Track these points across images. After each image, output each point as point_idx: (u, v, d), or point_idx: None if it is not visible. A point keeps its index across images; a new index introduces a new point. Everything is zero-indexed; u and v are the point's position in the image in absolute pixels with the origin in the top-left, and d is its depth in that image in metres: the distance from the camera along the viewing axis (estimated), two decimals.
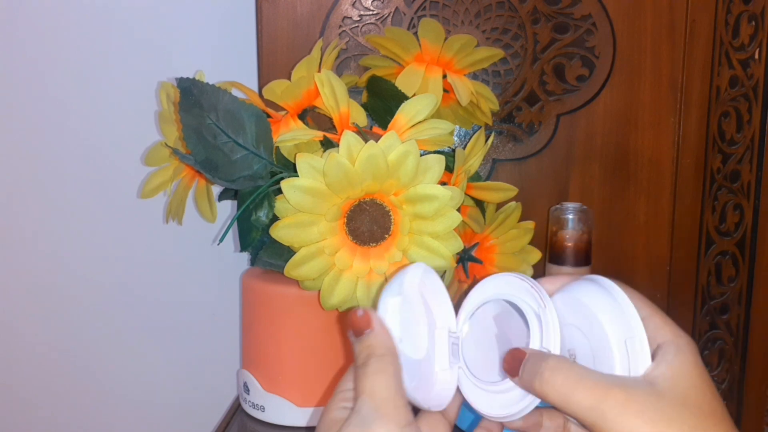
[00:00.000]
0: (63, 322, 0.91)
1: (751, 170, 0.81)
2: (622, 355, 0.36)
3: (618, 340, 0.36)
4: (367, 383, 0.36)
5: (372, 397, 0.35)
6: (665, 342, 0.36)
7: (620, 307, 0.37)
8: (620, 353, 0.36)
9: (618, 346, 0.36)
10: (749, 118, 0.80)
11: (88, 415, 0.93)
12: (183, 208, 0.71)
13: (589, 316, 0.38)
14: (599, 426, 0.34)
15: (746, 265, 0.82)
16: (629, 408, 0.33)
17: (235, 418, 0.72)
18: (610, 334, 0.36)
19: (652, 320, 0.37)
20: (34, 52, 0.85)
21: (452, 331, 0.42)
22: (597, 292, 0.38)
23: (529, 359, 0.37)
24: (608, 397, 0.33)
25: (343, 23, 0.78)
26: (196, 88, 0.61)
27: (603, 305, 0.37)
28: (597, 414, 0.34)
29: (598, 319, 0.37)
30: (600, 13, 0.78)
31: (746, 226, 0.82)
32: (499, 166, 0.81)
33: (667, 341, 0.36)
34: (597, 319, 0.37)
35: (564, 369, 0.35)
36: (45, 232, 0.89)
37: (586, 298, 0.38)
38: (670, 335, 0.37)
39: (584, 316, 0.38)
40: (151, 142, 0.74)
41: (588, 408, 0.34)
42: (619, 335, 0.36)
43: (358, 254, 0.59)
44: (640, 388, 0.34)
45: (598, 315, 0.37)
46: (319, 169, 0.55)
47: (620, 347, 0.36)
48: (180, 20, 0.85)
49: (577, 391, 0.34)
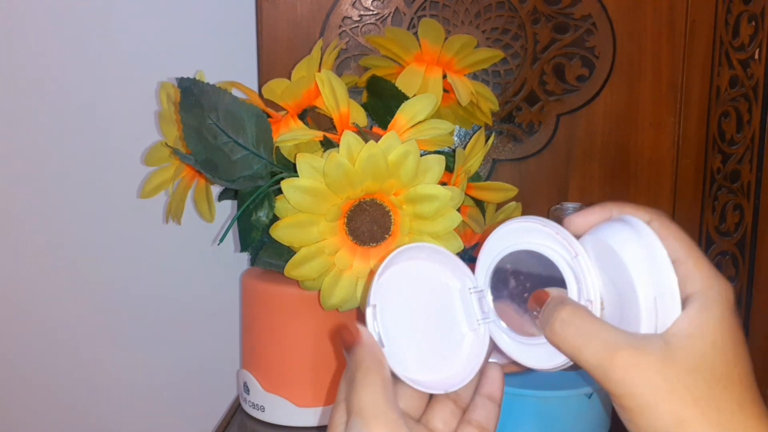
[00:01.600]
0: (62, 322, 0.91)
1: (751, 170, 0.81)
2: (649, 314, 0.34)
3: (646, 297, 0.34)
4: (356, 400, 0.34)
5: (360, 415, 0.34)
6: (694, 293, 0.34)
7: (653, 256, 0.34)
8: (647, 312, 0.34)
9: (646, 304, 0.34)
10: (749, 118, 0.80)
11: (88, 415, 0.93)
12: (182, 208, 0.71)
13: (619, 266, 0.35)
14: (604, 385, 0.33)
15: (746, 266, 0.82)
16: (633, 371, 0.32)
17: (235, 418, 0.72)
18: (639, 291, 0.34)
19: (685, 265, 0.34)
20: (34, 52, 0.85)
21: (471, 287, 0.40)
22: (628, 238, 0.35)
23: (548, 305, 0.36)
24: (615, 357, 0.32)
25: (343, 23, 0.78)
26: (196, 88, 0.61)
27: (634, 254, 0.34)
28: (602, 373, 0.33)
29: (627, 272, 0.34)
30: (600, 13, 0.78)
31: (746, 226, 0.82)
32: (499, 166, 0.81)
33: (696, 292, 0.34)
34: (627, 272, 0.34)
35: (575, 322, 0.34)
36: (45, 231, 0.89)
37: (617, 245, 0.35)
38: (701, 284, 0.34)
39: (614, 265, 0.35)
40: (151, 142, 0.74)
41: (594, 366, 0.33)
42: (649, 291, 0.34)
43: (358, 254, 0.59)
44: (650, 350, 0.32)
45: (628, 267, 0.34)
46: (319, 169, 0.55)
47: (648, 305, 0.34)
48: (180, 20, 0.85)
49: (586, 348, 0.33)
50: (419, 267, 0.40)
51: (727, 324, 0.33)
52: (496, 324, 0.39)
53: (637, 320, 0.34)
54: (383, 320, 0.37)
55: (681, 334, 0.33)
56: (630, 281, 0.34)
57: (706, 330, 0.33)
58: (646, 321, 0.34)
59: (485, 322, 0.40)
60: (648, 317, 0.34)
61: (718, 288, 0.34)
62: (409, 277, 0.40)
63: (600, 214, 0.37)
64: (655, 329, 0.34)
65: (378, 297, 0.38)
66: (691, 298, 0.34)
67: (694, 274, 0.34)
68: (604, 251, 0.36)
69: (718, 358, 0.32)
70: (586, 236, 0.37)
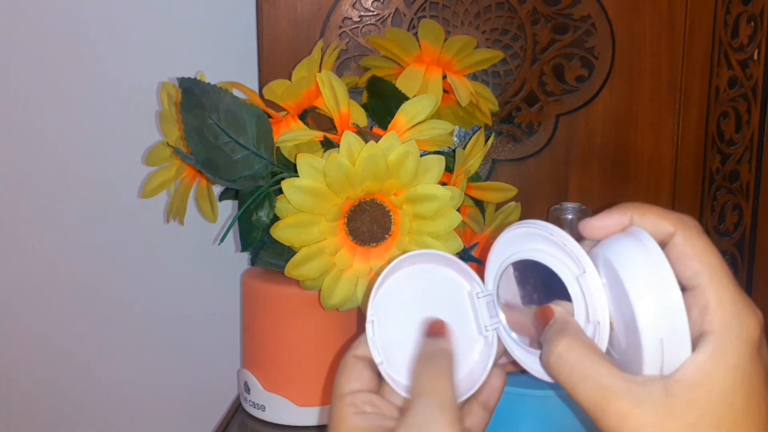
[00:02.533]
0: (62, 322, 0.91)
1: (750, 170, 0.81)
2: (653, 357, 0.31)
3: (651, 339, 0.31)
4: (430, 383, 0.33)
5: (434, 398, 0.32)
6: (709, 332, 0.30)
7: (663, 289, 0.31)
8: (651, 355, 0.31)
9: (650, 347, 0.31)
10: (748, 119, 0.80)
11: (88, 415, 0.93)
12: (184, 208, 0.71)
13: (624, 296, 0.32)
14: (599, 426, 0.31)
15: (745, 266, 0.82)
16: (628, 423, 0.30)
17: (236, 417, 0.72)
18: (643, 332, 0.31)
19: (705, 295, 0.31)
20: (34, 53, 0.85)
21: (479, 292, 0.39)
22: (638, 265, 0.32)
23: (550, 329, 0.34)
24: (610, 404, 0.30)
25: (344, 24, 0.78)
26: (197, 88, 0.61)
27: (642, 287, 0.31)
28: (596, 416, 0.31)
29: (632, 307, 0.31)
30: (599, 13, 0.78)
31: (745, 226, 0.82)
32: (498, 167, 0.81)
33: (711, 331, 0.30)
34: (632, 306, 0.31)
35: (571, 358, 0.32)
36: (45, 231, 0.89)
37: (624, 271, 0.32)
38: (719, 323, 0.30)
39: (620, 292, 0.32)
40: (152, 142, 0.74)
41: (589, 407, 0.31)
42: (654, 333, 0.31)
43: (359, 254, 0.59)
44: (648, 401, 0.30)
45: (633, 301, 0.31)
46: (320, 169, 0.55)
47: (652, 349, 0.31)
48: (180, 20, 0.85)
49: (581, 387, 0.31)
50: (426, 272, 0.39)
51: (741, 372, 0.29)
52: (504, 330, 0.39)
53: (640, 360, 0.31)
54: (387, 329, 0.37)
55: (686, 383, 0.30)
56: (635, 317, 0.31)
57: (714, 380, 0.29)
58: (649, 363, 0.31)
59: (494, 328, 0.39)
60: (651, 360, 0.31)
61: (738, 329, 0.30)
62: (415, 282, 0.39)
63: (618, 218, 0.34)
64: (661, 371, 0.31)
65: (378, 310, 0.37)
66: (705, 338, 0.30)
67: (714, 309, 0.30)
68: (611, 274, 0.33)
69: (724, 413, 0.29)
70: (597, 249, 0.35)
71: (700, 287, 0.31)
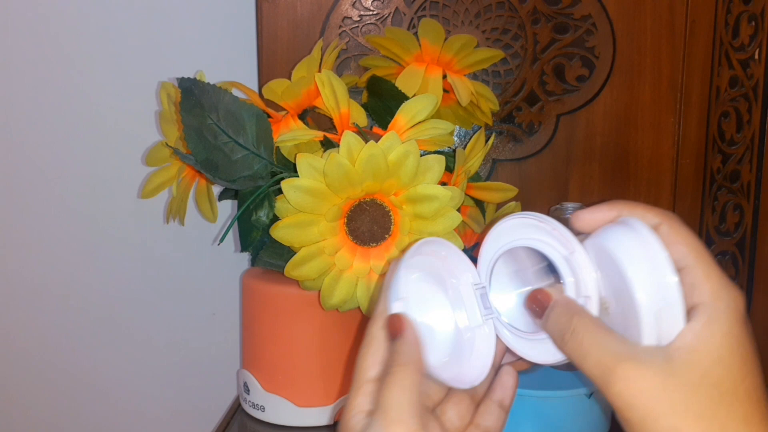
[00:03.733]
0: (62, 322, 0.91)
1: (750, 170, 0.81)
2: (651, 328, 0.33)
3: (648, 311, 0.33)
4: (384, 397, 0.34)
5: (384, 415, 0.34)
6: (700, 304, 0.33)
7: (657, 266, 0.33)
8: (649, 326, 0.33)
9: (647, 318, 0.33)
10: (749, 119, 0.80)
11: (88, 415, 0.93)
12: (184, 208, 0.71)
13: (620, 276, 0.34)
14: (606, 395, 0.33)
15: (746, 265, 0.82)
16: (634, 383, 0.32)
17: (235, 418, 0.72)
18: (641, 305, 0.33)
19: (694, 272, 0.33)
20: (34, 53, 0.85)
21: (475, 283, 0.40)
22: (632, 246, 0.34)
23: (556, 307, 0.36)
24: (617, 368, 0.32)
25: (343, 23, 0.78)
26: (197, 88, 0.61)
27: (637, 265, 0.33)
28: (603, 383, 0.33)
29: (629, 284, 0.33)
30: (600, 13, 0.78)
31: (746, 226, 0.82)
32: (499, 166, 0.81)
33: (703, 303, 0.33)
34: (628, 283, 0.33)
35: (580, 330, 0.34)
36: (44, 231, 0.89)
37: (619, 253, 0.34)
38: (709, 295, 0.33)
39: (616, 273, 0.34)
40: (152, 142, 0.74)
41: (597, 375, 0.33)
42: (651, 306, 0.33)
43: (359, 254, 0.59)
44: (652, 363, 0.32)
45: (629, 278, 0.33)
46: (320, 169, 0.55)
47: (649, 319, 0.33)
48: (180, 20, 0.85)
49: (589, 356, 0.33)
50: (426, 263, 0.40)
51: (735, 338, 0.32)
52: (498, 320, 0.40)
53: (639, 333, 0.33)
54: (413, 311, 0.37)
55: (685, 348, 0.32)
56: (631, 294, 0.33)
57: (711, 344, 0.32)
58: (648, 335, 0.33)
59: (488, 318, 0.40)
60: (650, 331, 0.33)
61: (727, 299, 0.33)
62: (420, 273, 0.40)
63: (608, 212, 0.37)
64: (658, 342, 0.33)
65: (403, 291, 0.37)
66: (697, 309, 0.33)
67: (703, 283, 0.33)
68: (606, 258, 0.35)
69: (723, 374, 0.32)
70: (589, 240, 0.37)
71: (688, 267, 0.33)
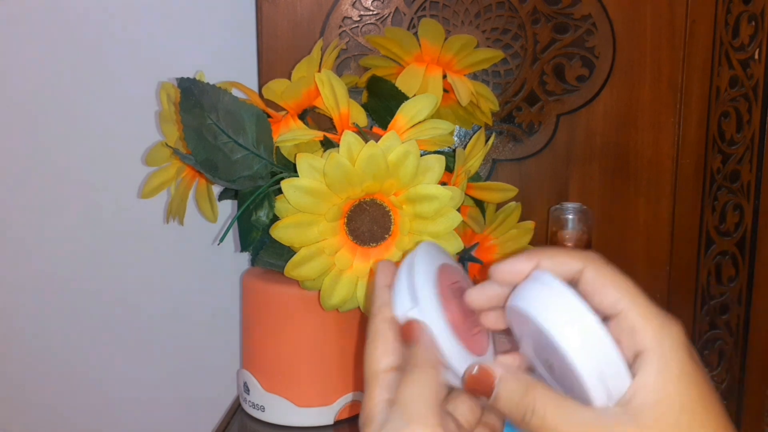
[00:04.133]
0: (62, 322, 0.91)
1: (750, 170, 0.81)
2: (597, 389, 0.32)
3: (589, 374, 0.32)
4: (404, 393, 0.34)
5: (404, 410, 0.34)
6: (646, 350, 0.32)
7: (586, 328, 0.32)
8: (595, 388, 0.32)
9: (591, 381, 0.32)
10: (749, 119, 0.80)
11: (88, 415, 0.93)
12: (184, 208, 0.71)
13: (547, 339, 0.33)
14: None
15: (746, 265, 0.82)
16: None
17: (235, 418, 0.72)
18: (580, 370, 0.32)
19: (630, 316, 0.33)
20: (34, 53, 0.85)
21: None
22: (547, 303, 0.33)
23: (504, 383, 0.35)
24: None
25: (343, 23, 0.78)
26: (196, 88, 0.61)
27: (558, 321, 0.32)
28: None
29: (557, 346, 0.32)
30: (600, 13, 0.78)
31: (746, 226, 0.82)
32: (499, 166, 0.81)
33: (648, 349, 0.32)
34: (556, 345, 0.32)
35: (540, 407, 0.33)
36: (44, 231, 0.89)
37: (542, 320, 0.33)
38: (651, 339, 0.32)
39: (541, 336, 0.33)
40: (152, 142, 0.74)
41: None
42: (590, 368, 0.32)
43: (359, 254, 0.59)
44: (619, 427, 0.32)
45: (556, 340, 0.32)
46: (320, 169, 0.55)
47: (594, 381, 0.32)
48: (180, 20, 0.85)
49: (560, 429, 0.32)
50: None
51: (688, 376, 0.32)
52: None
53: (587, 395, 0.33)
54: None
55: (647, 405, 0.32)
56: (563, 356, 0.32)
57: (671, 393, 0.32)
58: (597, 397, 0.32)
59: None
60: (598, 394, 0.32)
61: (670, 337, 0.32)
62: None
63: (527, 263, 0.36)
64: (608, 399, 0.32)
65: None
66: (644, 356, 0.32)
67: (643, 326, 0.32)
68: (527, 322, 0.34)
69: (689, 418, 0.31)
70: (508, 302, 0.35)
71: (623, 312, 0.33)
